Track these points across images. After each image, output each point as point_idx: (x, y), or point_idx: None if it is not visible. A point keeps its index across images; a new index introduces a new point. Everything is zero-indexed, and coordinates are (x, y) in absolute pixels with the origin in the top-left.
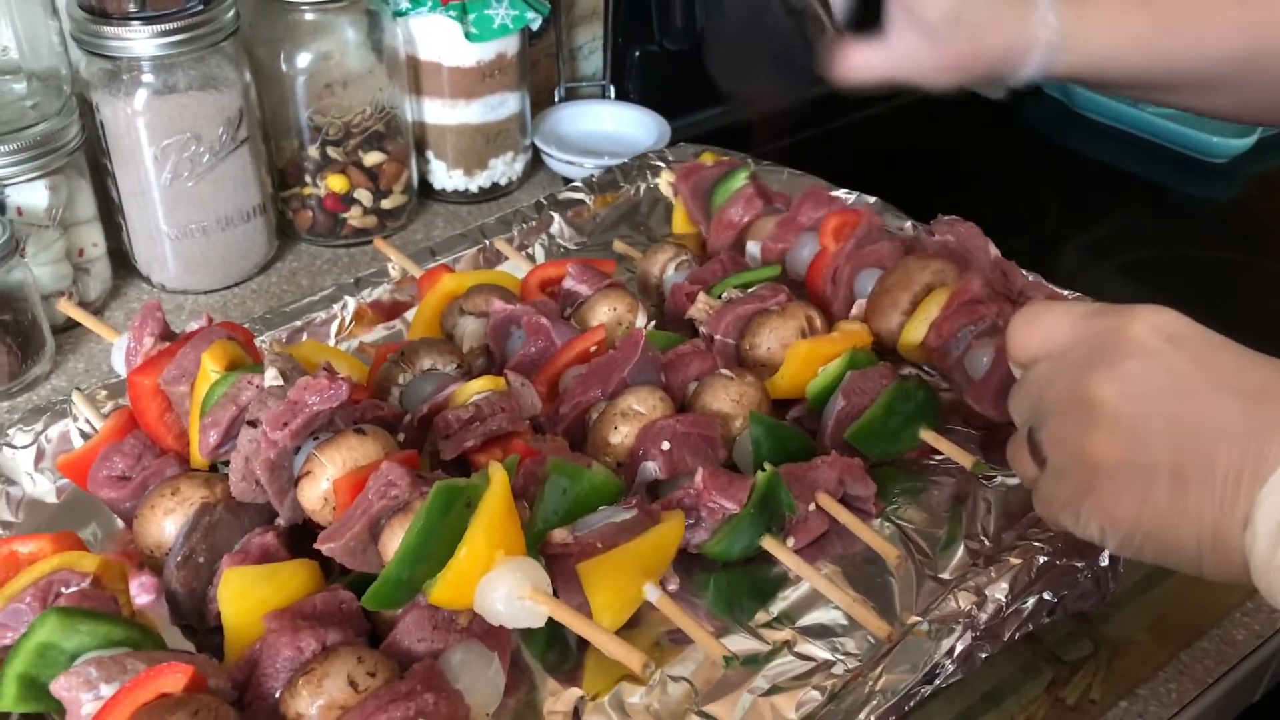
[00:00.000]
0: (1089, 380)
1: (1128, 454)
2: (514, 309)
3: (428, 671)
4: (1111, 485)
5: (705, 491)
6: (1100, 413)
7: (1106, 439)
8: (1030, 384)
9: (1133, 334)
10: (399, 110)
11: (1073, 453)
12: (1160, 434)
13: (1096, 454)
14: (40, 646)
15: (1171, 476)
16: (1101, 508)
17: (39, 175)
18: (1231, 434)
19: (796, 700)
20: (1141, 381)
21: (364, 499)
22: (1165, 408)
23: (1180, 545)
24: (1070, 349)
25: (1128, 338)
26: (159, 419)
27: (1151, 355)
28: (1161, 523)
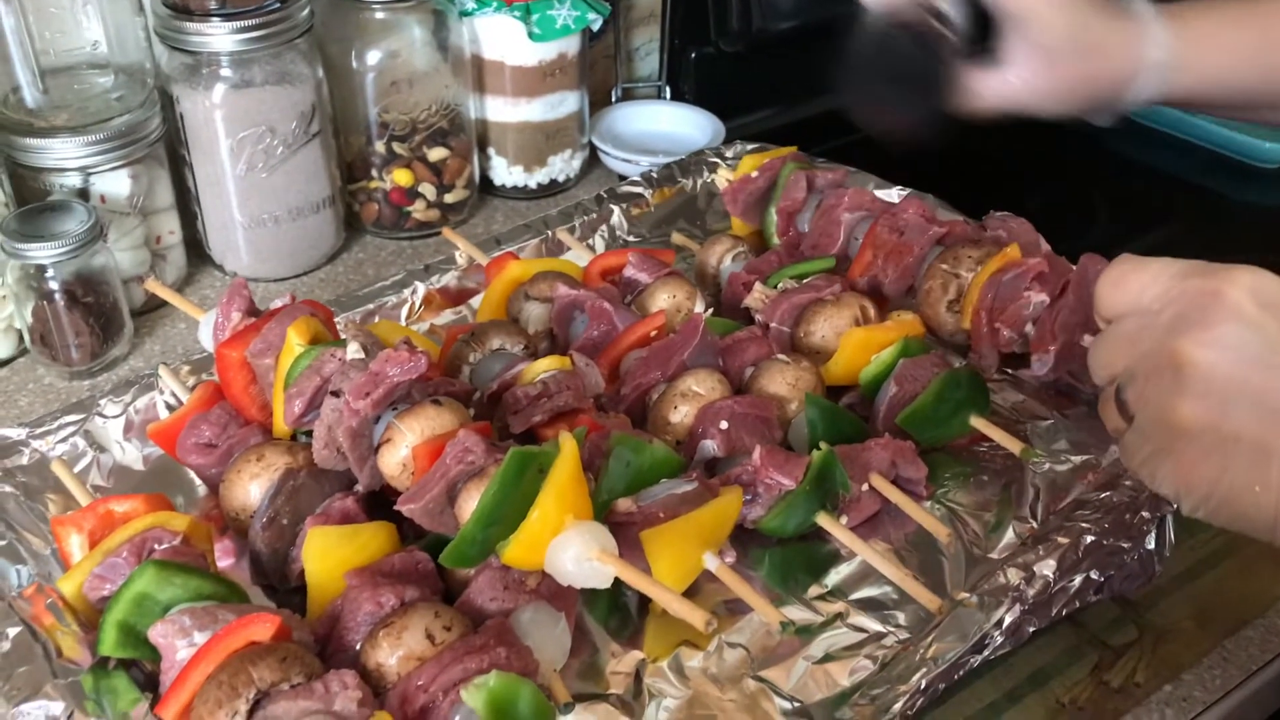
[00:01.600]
0: (1181, 341)
1: (1213, 421)
2: (578, 294)
3: (500, 628)
4: (1193, 450)
5: (763, 468)
6: (1190, 376)
7: (1194, 404)
8: (1118, 339)
9: (1229, 297)
10: (463, 107)
11: (1158, 413)
12: (1249, 405)
13: (1182, 418)
14: (138, 596)
15: (1255, 448)
16: (1180, 471)
17: (122, 164)
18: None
19: (849, 668)
20: (1235, 348)
21: (442, 464)
22: (1256, 378)
23: (1254, 515)
24: (1163, 307)
25: (1224, 300)
26: (244, 390)
27: (1247, 322)
28: (1239, 491)
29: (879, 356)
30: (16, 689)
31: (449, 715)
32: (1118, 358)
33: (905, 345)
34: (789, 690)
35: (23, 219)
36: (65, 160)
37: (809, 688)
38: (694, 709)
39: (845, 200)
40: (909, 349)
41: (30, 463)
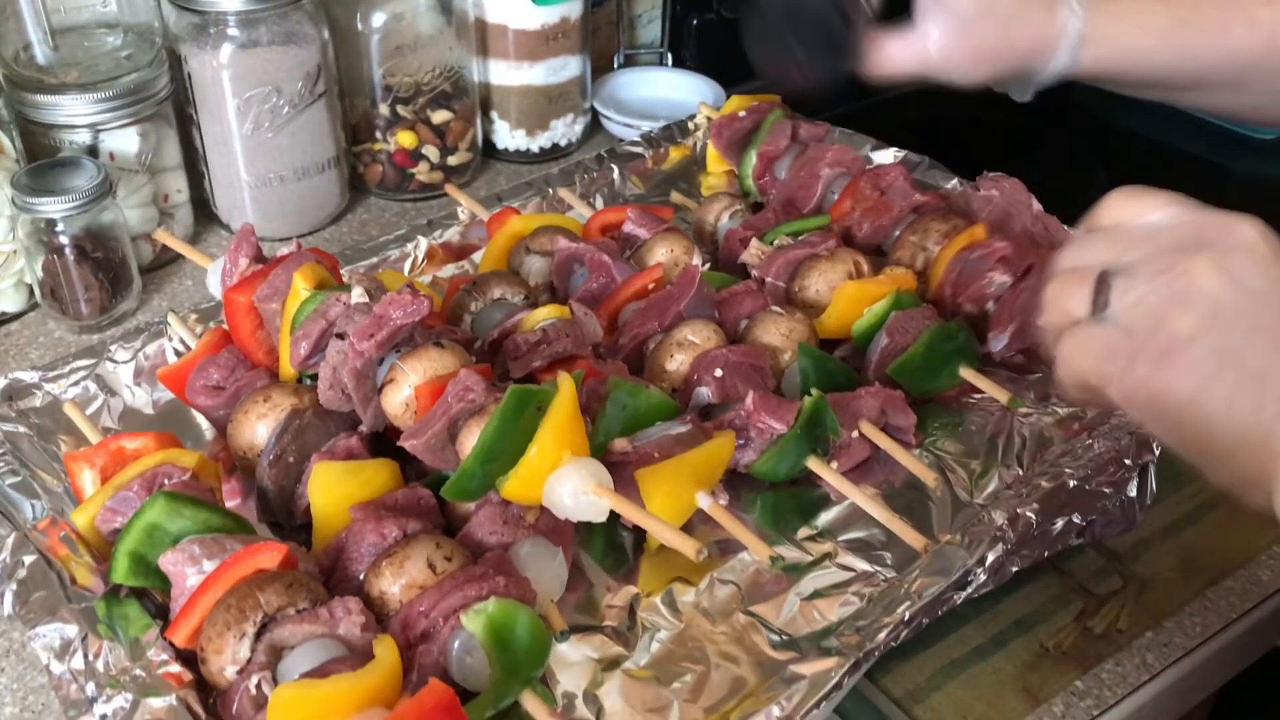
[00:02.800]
0: (1195, 258)
1: (1213, 337)
2: (578, 247)
3: (499, 559)
4: (1182, 358)
5: (755, 413)
6: (1198, 288)
7: (1196, 314)
8: (1117, 235)
9: (1243, 234)
10: (466, 70)
11: (1154, 315)
12: (1250, 329)
13: (1179, 324)
14: (149, 527)
15: (1244, 369)
16: (1160, 376)
17: (131, 122)
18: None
19: (837, 604)
20: (1246, 275)
21: (443, 402)
22: (1260, 306)
23: (1220, 437)
24: (1175, 225)
25: (1240, 234)
26: (251, 335)
27: (1258, 255)
28: (1212, 409)
29: (872, 309)
30: (33, 613)
31: (449, 640)
32: (1109, 251)
33: (897, 298)
34: (778, 625)
35: (33, 174)
36: (75, 117)
37: (797, 622)
38: (686, 640)
39: (828, 155)
40: (901, 302)
41: (43, 404)
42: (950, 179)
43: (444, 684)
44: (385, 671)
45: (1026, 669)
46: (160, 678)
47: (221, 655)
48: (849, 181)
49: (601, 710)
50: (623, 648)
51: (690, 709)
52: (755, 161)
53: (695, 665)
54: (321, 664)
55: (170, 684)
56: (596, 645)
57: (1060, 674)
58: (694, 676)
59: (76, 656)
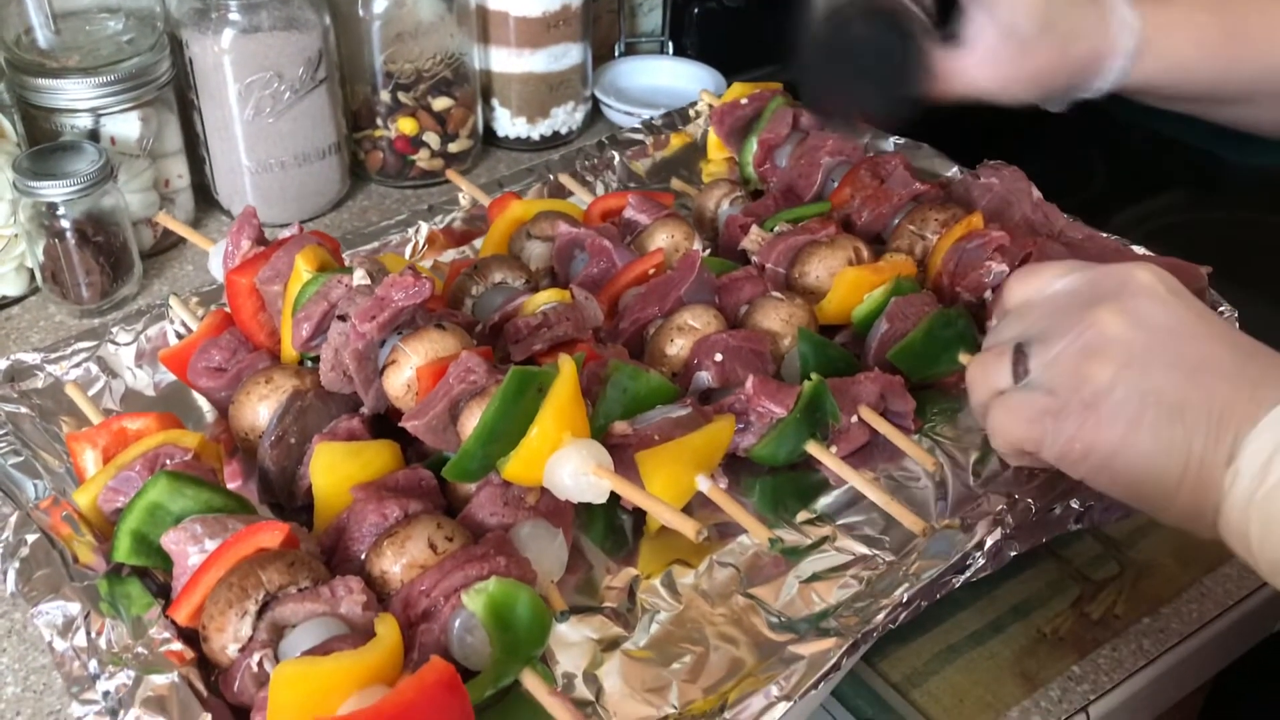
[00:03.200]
0: (1099, 310)
1: (1130, 380)
2: (578, 232)
3: (500, 539)
4: (1107, 408)
5: (755, 397)
6: (1108, 338)
7: (1110, 360)
8: (1027, 311)
9: (1140, 280)
10: (467, 58)
11: (1072, 371)
12: (1163, 368)
13: (1097, 374)
14: (151, 506)
15: (1168, 407)
16: (1089, 428)
17: (132, 106)
18: (1230, 376)
19: (836, 587)
20: (1149, 318)
21: (445, 383)
22: (1171, 344)
23: (1158, 478)
24: (1075, 288)
25: (1137, 281)
26: (253, 317)
27: (1158, 298)
28: (1145, 452)
29: (871, 295)
30: (35, 591)
31: (450, 619)
32: (1022, 325)
33: (897, 284)
34: (777, 607)
35: (35, 158)
36: (76, 101)
37: (796, 604)
38: (685, 622)
39: (829, 144)
40: (900, 288)
41: (45, 386)
42: (950, 167)
43: (445, 661)
44: (387, 649)
45: (1023, 654)
46: (162, 655)
47: (223, 633)
48: (849, 169)
49: (601, 690)
50: (622, 629)
51: (689, 689)
52: (756, 149)
53: (694, 646)
54: (323, 642)
55: (172, 662)
56: (596, 626)
57: (1057, 659)
58: (693, 657)
59: (79, 634)
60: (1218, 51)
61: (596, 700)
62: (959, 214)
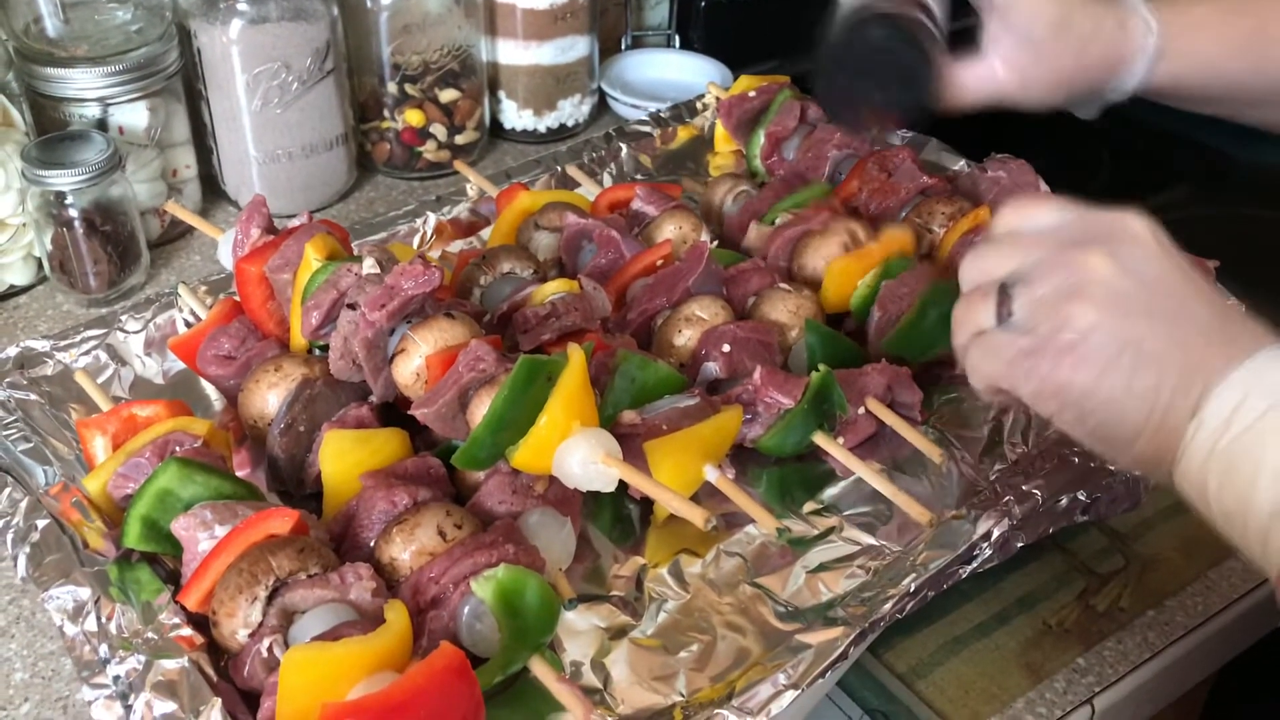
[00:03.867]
0: (1087, 251)
1: (1110, 325)
2: (586, 223)
3: (508, 527)
4: (1083, 348)
5: (763, 387)
6: (1092, 279)
7: (1093, 304)
8: (1012, 243)
9: (1133, 226)
10: (474, 50)
11: (1052, 310)
12: (1143, 313)
13: (1078, 316)
14: (161, 492)
15: (1144, 354)
16: (1063, 368)
17: (140, 96)
18: (1206, 331)
19: (842, 577)
20: (1135, 265)
21: (455, 371)
22: (1154, 293)
23: (1123, 422)
24: (1066, 225)
25: (1129, 227)
26: (262, 305)
27: (1146, 246)
28: (1115, 395)
29: (864, 281)
30: (46, 576)
31: (459, 605)
32: (1007, 260)
33: (886, 268)
34: (784, 597)
35: (43, 147)
36: (85, 91)
37: (803, 594)
38: (692, 611)
39: (836, 136)
40: (890, 270)
41: (54, 373)
42: (957, 160)
43: (454, 647)
44: (396, 635)
45: (1029, 646)
46: (172, 641)
47: (233, 618)
48: (856, 162)
49: (609, 678)
50: (630, 617)
51: (696, 677)
52: (763, 141)
53: (702, 635)
54: (332, 628)
55: (182, 647)
56: (604, 614)
57: (1062, 651)
58: (700, 646)
59: (89, 619)
60: (1243, 52)
61: (604, 688)
62: (966, 207)
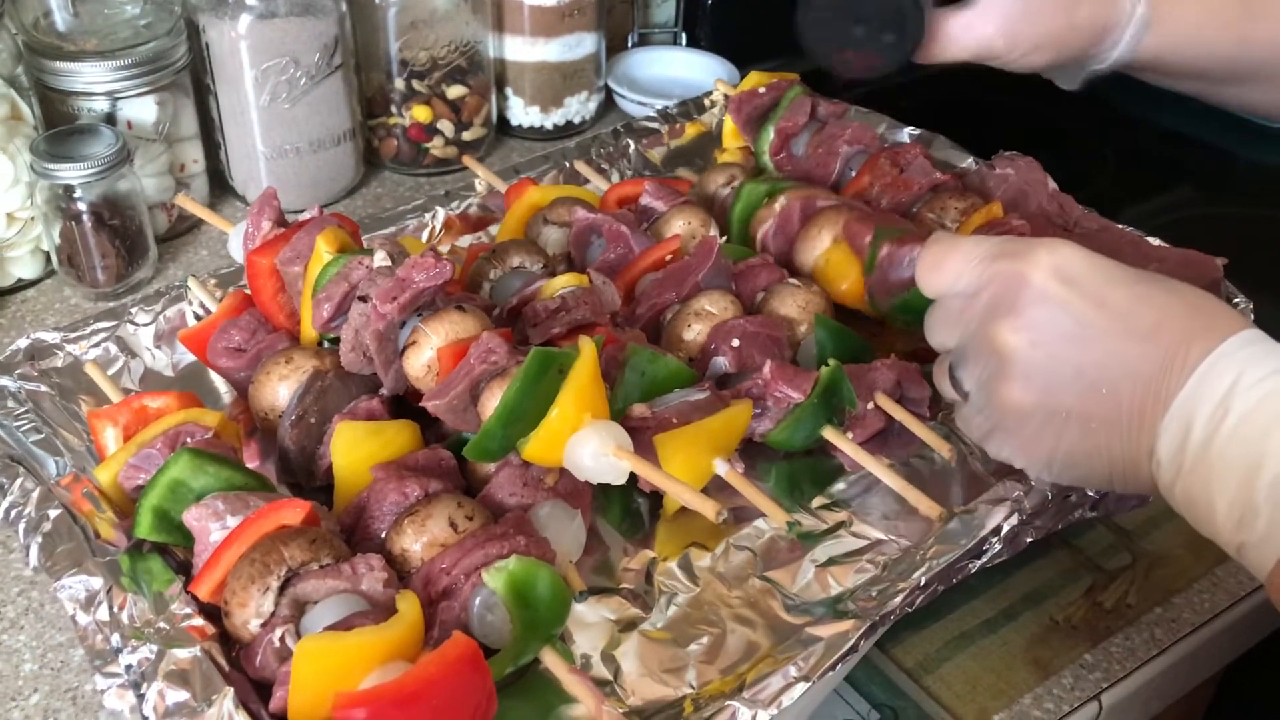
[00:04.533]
0: (998, 327)
1: (1039, 400)
2: (596, 218)
3: (519, 519)
4: (1026, 428)
5: (773, 382)
6: (1011, 360)
7: (1019, 387)
8: (946, 316)
9: (1033, 280)
10: (482, 46)
11: (988, 395)
12: (1068, 381)
13: (1010, 399)
14: (173, 483)
15: (1082, 420)
16: (1018, 446)
17: (148, 91)
18: (1133, 375)
19: (852, 571)
20: (1047, 329)
21: (466, 363)
22: (1071, 354)
23: (1092, 476)
24: (977, 290)
25: (1029, 284)
26: (273, 298)
27: (1053, 301)
28: (1075, 458)
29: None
30: (58, 565)
31: (470, 596)
32: (949, 335)
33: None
34: (794, 590)
35: (51, 141)
36: (93, 85)
37: (813, 588)
38: (702, 604)
39: (847, 132)
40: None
41: (64, 365)
42: (966, 158)
43: (467, 637)
44: (408, 625)
45: (1036, 642)
46: (184, 631)
47: (245, 609)
48: (868, 158)
49: (619, 670)
50: (640, 610)
51: (706, 670)
52: (773, 137)
53: (711, 628)
54: (344, 618)
55: (193, 637)
56: (614, 607)
57: (1069, 647)
58: (710, 639)
59: (101, 608)
60: (1230, 26)
61: (614, 680)
62: (978, 203)
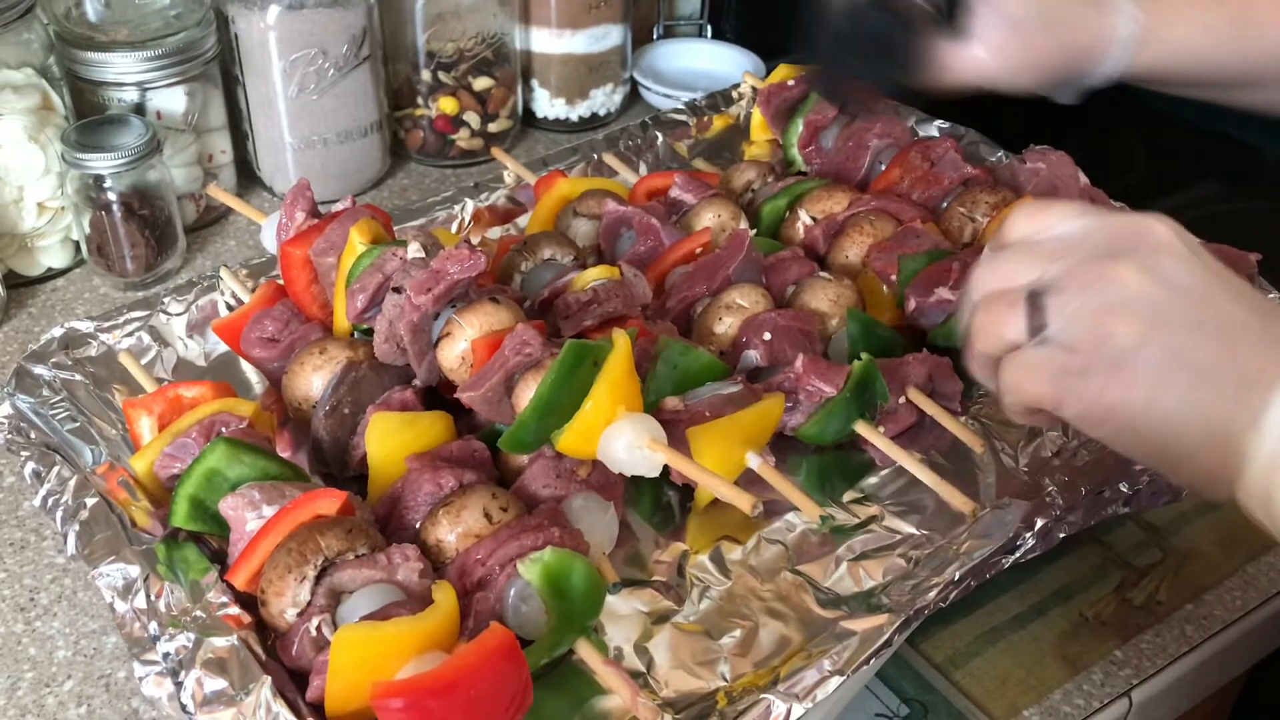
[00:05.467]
0: (1119, 262)
1: (1153, 334)
2: (626, 210)
3: (553, 511)
4: (1131, 367)
5: (805, 375)
6: (1132, 293)
7: (1137, 321)
8: (1032, 251)
9: (1160, 234)
10: (508, 38)
11: (1094, 328)
12: (1189, 326)
13: (1122, 333)
14: (209, 472)
15: (1195, 368)
16: (1114, 388)
17: (178, 81)
18: (1256, 338)
19: (884, 566)
20: (1171, 274)
21: (500, 355)
22: (1195, 303)
23: (1181, 440)
24: (1089, 234)
25: (1157, 235)
26: (306, 289)
27: (1178, 254)
28: (1170, 413)
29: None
30: (96, 553)
31: (505, 587)
32: (1029, 269)
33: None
34: (826, 584)
35: (82, 131)
36: (123, 75)
37: (845, 582)
38: (734, 597)
39: (877, 126)
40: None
41: (98, 354)
42: (996, 151)
43: (504, 628)
44: (444, 615)
45: (1066, 638)
46: (220, 619)
47: (282, 598)
48: (898, 152)
49: (652, 662)
50: (672, 602)
51: (740, 663)
52: (802, 130)
53: (743, 621)
54: (381, 607)
55: (230, 625)
56: (646, 599)
57: (1099, 643)
58: (743, 632)
59: (139, 596)
60: (1223, 38)
61: (647, 671)
62: (1009, 197)
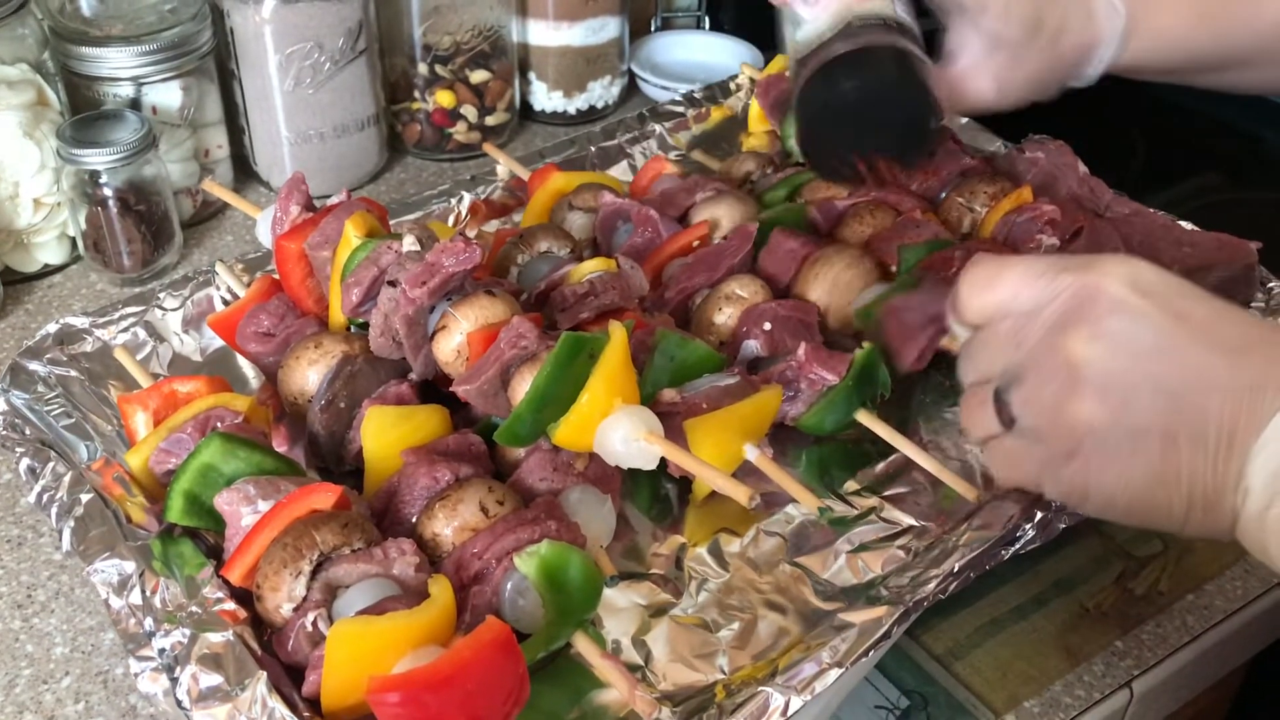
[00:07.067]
0: (1069, 339)
1: (1117, 418)
2: (623, 202)
3: (550, 504)
4: (1099, 450)
5: (807, 364)
6: (1085, 374)
7: (1094, 403)
8: (994, 341)
9: (1108, 289)
10: (505, 30)
11: (1055, 416)
12: (1149, 395)
13: (1083, 418)
14: (204, 467)
15: (1163, 439)
16: (1088, 472)
17: (173, 76)
18: (1222, 390)
19: (883, 558)
20: (1125, 340)
21: (496, 348)
22: (1151, 367)
23: (1167, 507)
24: (1040, 306)
25: (1104, 293)
26: (301, 283)
27: (1131, 312)
28: (1151, 485)
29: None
30: (91, 549)
31: (502, 581)
32: (995, 360)
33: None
34: (825, 576)
35: (77, 126)
36: (119, 70)
37: (844, 574)
38: (732, 589)
39: None
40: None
41: (93, 350)
42: (994, 141)
43: (501, 621)
44: (441, 609)
45: (1067, 628)
46: (215, 615)
47: (278, 593)
48: None
49: (650, 655)
50: (670, 595)
51: (738, 656)
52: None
53: (742, 614)
54: (377, 602)
55: (226, 621)
56: (644, 592)
57: (1100, 634)
58: (741, 624)
59: (134, 592)
60: (1206, 24)
61: (645, 665)
62: (1008, 187)
